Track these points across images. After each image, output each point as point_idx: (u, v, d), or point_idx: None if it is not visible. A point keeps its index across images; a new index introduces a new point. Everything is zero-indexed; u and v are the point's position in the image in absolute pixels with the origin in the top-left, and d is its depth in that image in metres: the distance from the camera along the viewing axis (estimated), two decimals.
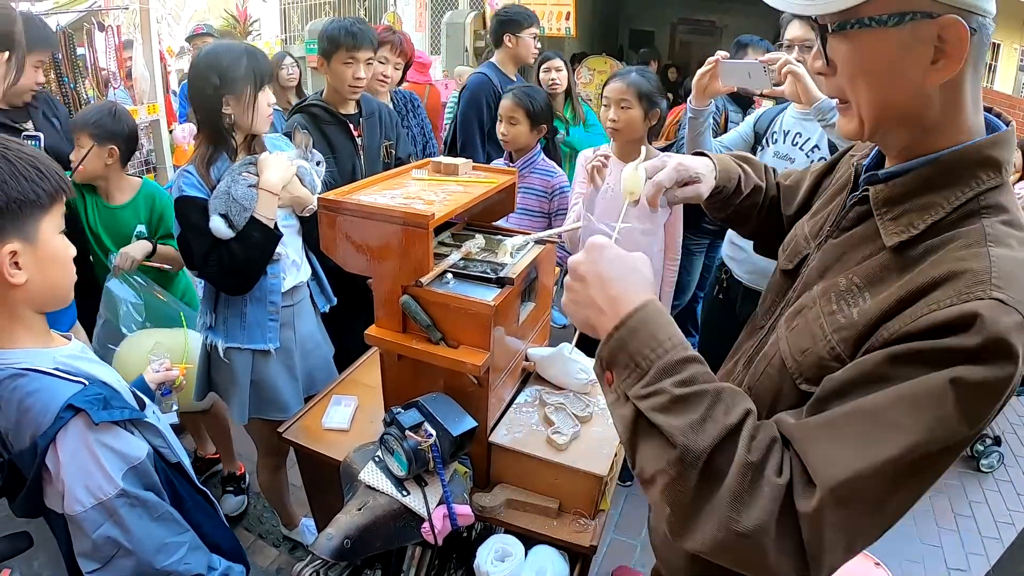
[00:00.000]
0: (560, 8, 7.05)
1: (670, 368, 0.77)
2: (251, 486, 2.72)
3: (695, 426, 0.73)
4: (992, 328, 0.66)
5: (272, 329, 1.91)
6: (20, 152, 1.04)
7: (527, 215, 2.65)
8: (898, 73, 0.76)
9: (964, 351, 0.67)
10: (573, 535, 1.45)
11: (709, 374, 0.79)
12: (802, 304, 0.92)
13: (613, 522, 2.67)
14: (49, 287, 1.10)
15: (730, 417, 0.74)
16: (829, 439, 0.71)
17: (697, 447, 0.72)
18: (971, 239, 0.75)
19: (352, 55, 2.31)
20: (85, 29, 3.43)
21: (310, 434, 1.69)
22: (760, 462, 0.72)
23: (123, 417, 1.12)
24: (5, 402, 1.07)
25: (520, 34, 3.36)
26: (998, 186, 0.78)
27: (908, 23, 0.73)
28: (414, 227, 1.33)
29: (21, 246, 1.03)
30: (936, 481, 0.74)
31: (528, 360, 1.72)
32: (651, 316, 0.81)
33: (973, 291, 0.69)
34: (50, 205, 1.07)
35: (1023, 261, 0.72)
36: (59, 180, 1.08)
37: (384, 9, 7.66)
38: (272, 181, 1.75)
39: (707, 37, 10.54)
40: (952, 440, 0.69)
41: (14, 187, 1.01)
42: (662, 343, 0.79)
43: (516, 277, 1.44)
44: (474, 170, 1.76)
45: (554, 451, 1.48)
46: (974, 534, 2.88)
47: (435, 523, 1.33)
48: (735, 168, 1.21)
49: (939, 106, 0.78)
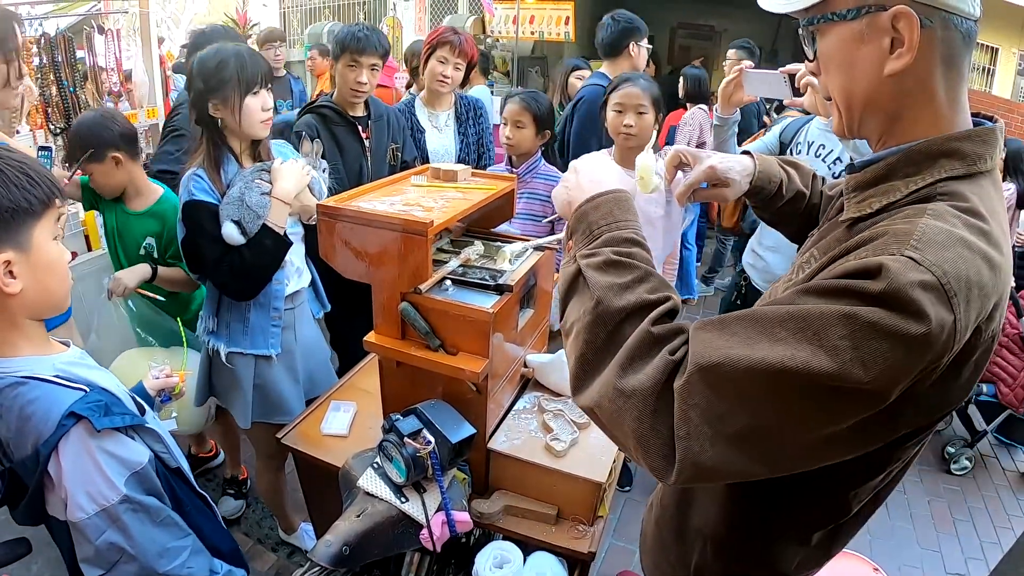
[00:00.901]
0: (560, 12, 7.07)
1: (616, 240, 0.88)
2: (251, 491, 2.72)
3: (616, 288, 0.82)
4: (896, 280, 0.66)
5: (275, 335, 1.92)
6: (10, 159, 1.03)
7: (531, 220, 2.64)
8: (859, 62, 0.81)
9: (865, 293, 0.68)
10: (572, 541, 1.45)
11: (648, 260, 0.88)
12: (780, 278, 0.98)
13: (612, 527, 2.67)
14: (45, 295, 1.09)
15: (650, 295, 0.82)
16: (716, 331, 0.75)
17: (612, 306, 0.81)
18: (912, 212, 0.77)
19: (355, 59, 2.35)
20: (85, 33, 3.43)
21: (309, 440, 1.69)
22: (660, 336, 0.78)
23: (125, 423, 1.12)
24: (6, 410, 1.07)
25: (640, 43, 3.20)
26: (963, 176, 0.79)
27: (865, 15, 0.78)
28: (413, 234, 1.33)
29: (15, 255, 1.02)
30: (833, 427, 0.72)
31: (527, 366, 1.72)
32: (615, 200, 0.93)
33: (888, 247, 0.71)
34: (43, 212, 1.05)
35: (952, 233, 0.72)
36: (51, 186, 1.06)
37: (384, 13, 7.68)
38: (286, 190, 1.77)
39: (706, 42, 10.55)
40: (844, 378, 0.67)
41: (5, 195, 1.00)
42: (617, 220, 0.91)
43: (515, 284, 1.44)
44: (473, 176, 1.76)
45: (553, 458, 1.49)
46: (973, 538, 2.88)
47: (434, 530, 1.33)
48: (777, 172, 1.22)
49: (905, 98, 0.81)
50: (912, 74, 0.79)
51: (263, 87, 1.77)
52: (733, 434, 0.72)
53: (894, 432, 0.79)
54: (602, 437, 1.56)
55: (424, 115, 2.95)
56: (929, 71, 0.79)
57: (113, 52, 3.55)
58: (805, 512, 0.98)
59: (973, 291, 0.70)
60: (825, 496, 0.96)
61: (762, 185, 1.19)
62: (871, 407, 0.71)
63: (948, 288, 0.67)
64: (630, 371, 0.77)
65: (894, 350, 0.66)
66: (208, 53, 1.77)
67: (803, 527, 1.00)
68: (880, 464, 0.91)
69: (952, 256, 0.69)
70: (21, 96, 2.13)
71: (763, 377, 0.69)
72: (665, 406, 0.74)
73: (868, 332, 0.66)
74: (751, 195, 1.21)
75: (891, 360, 0.67)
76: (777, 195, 1.21)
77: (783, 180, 1.21)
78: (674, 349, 0.77)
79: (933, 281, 0.67)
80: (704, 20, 10.75)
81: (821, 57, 0.86)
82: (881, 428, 0.77)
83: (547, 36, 7.36)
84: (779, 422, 0.72)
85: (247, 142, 1.84)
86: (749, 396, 0.71)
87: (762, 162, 1.21)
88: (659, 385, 0.75)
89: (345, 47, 2.35)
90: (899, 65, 0.78)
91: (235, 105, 1.73)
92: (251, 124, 1.78)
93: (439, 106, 2.96)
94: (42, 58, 3.09)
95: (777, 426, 0.72)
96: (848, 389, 0.68)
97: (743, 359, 0.70)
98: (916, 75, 0.79)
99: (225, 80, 1.72)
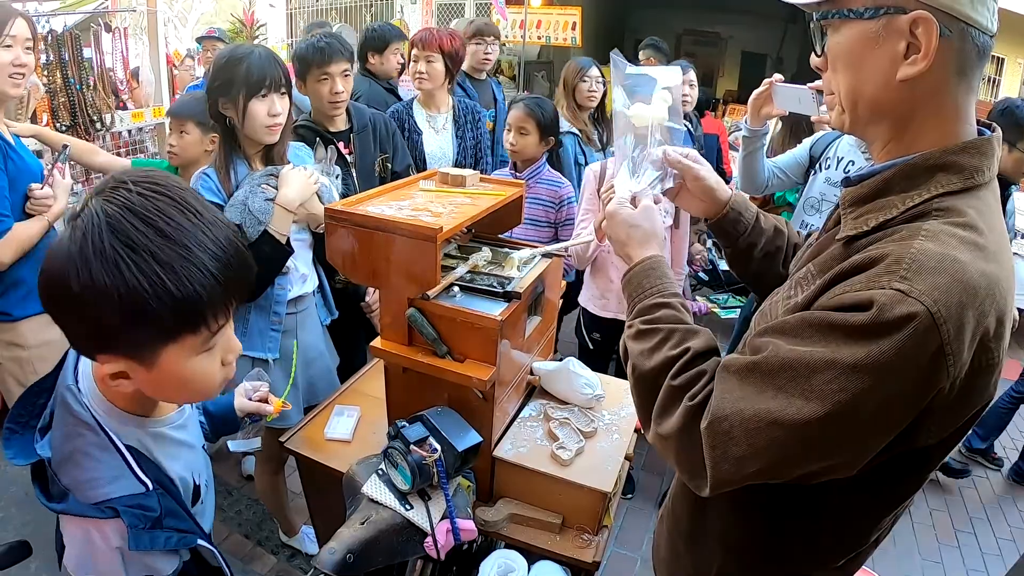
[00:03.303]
0: (567, 18, 7.08)
1: (644, 309, 1.01)
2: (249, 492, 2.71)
3: (645, 353, 0.96)
4: (881, 315, 0.70)
5: (273, 339, 1.90)
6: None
7: (534, 226, 2.64)
8: (871, 63, 0.81)
9: (851, 327, 0.73)
10: (576, 551, 1.44)
11: (674, 316, 0.98)
12: (776, 291, 1.00)
13: (614, 535, 2.66)
14: (163, 395, 0.95)
15: (672, 351, 0.93)
16: (735, 380, 0.83)
17: (644, 368, 0.95)
18: (907, 233, 0.77)
19: (324, 71, 2.23)
20: (92, 31, 3.43)
21: (312, 444, 1.68)
22: (681, 386, 0.89)
23: (167, 547, 0.91)
24: (59, 421, 0.91)
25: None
26: (960, 191, 0.79)
27: (883, 16, 0.78)
28: (422, 240, 1.32)
29: (128, 365, 0.83)
30: (852, 455, 0.78)
31: (533, 374, 1.72)
32: (644, 272, 1.05)
33: (880, 279, 0.73)
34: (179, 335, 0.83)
35: (946, 256, 0.72)
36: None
37: (391, 15, 7.68)
38: (290, 197, 1.73)
39: (712, 48, 10.58)
40: (836, 418, 0.74)
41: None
42: (645, 290, 1.03)
43: (523, 291, 1.43)
44: (481, 182, 1.75)
45: (558, 466, 1.48)
46: (975, 549, 2.87)
47: (438, 538, 1.33)
48: (753, 206, 1.22)
49: (915, 106, 0.81)
50: (924, 82, 0.78)
51: (273, 92, 1.73)
52: (745, 456, 0.80)
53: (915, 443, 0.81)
54: (608, 446, 1.57)
55: (422, 116, 2.92)
56: (942, 81, 0.79)
57: (120, 51, 3.55)
58: (826, 544, 0.99)
59: (967, 312, 0.71)
60: (846, 531, 0.97)
61: (740, 211, 1.18)
62: (891, 431, 0.76)
63: (937, 316, 0.69)
64: (663, 419, 0.90)
65: (876, 386, 0.71)
66: (225, 51, 1.76)
67: (827, 553, 1.01)
68: (902, 494, 0.93)
69: (944, 281, 0.70)
70: (27, 92, 2.13)
71: (767, 420, 0.78)
72: (693, 440, 0.85)
73: (850, 373, 0.72)
74: (730, 224, 1.19)
75: (878, 394, 0.72)
76: (756, 228, 1.20)
77: (759, 214, 1.21)
78: (694, 395, 0.87)
79: (921, 311, 0.69)
80: (710, 27, 10.78)
81: (830, 53, 0.86)
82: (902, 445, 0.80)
83: (554, 41, 7.38)
84: (787, 457, 0.79)
85: (258, 145, 1.82)
86: (756, 432, 0.79)
87: (738, 193, 1.21)
88: (684, 427, 0.86)
89: (310, 62, 2.22)
90: (913, 71, 0.77)
91: (240, 106, 1.72)
92: (254, 128, 1.75)
93: (436, 108, 2.93)
94: (49, 55, 3.09)
95: (784, 442, 0.78)
96: (849, 423, 0.74)
97: (745, 410, 0.80)
98: (928, 84, 0.78)
99: (232, 80, 1.70)
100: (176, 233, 0.78)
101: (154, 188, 0.80)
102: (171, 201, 0.80)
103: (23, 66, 1.81)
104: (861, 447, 0.77)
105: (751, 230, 1.19)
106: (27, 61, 1.81)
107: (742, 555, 1.05)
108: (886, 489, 0.91)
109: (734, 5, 9.77)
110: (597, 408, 1.69)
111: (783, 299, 0.93)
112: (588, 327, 2.71)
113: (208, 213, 0.83)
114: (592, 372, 1.73)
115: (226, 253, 0.82)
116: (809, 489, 0.88)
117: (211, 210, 0.85)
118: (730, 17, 9.97)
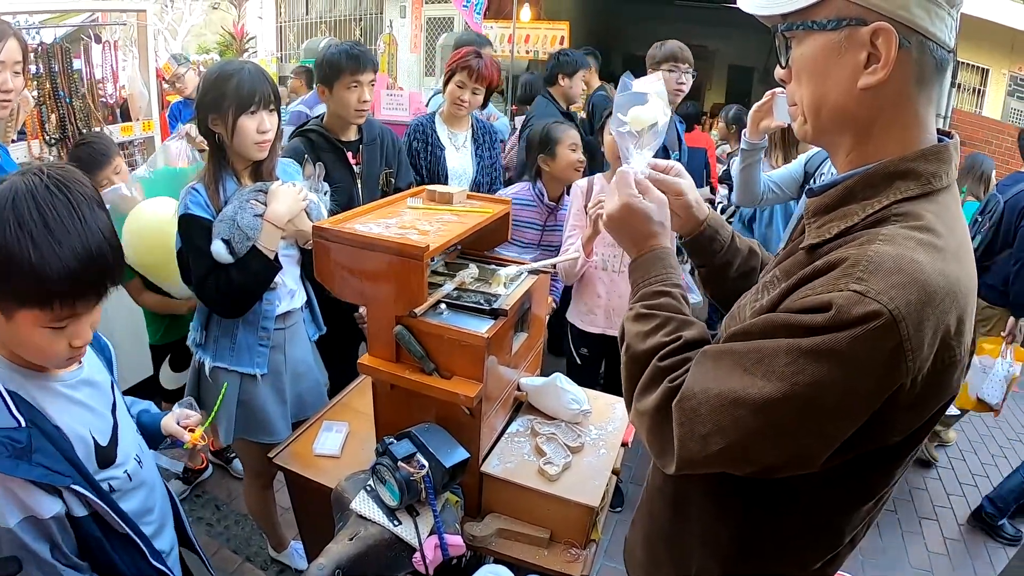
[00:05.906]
0: (555, 32, 7.15)
1: (647, 295, 1.04)
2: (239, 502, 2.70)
3: (640, 335, 1.00)
4: (839, 315, 0.74)
5: (261, 354, 1.90)
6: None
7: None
8: (834, 72, 0.84)
9: (810, 327, 0.76)
10: (564, 565, 1.45)
11: (673, 305, 1.02)
12: (744, 295, 1.04)
13: (603, 548, 2.66)
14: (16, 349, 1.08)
15: (665, 338, 0.97)
16: (708, 365, 0.88)
17: (637, 348, 0.99)
18: (866, 238, 0.80)
19: (356, 79, 2.25)
20: (82, 43, 3.43)
21: (301, 460, 1.69)
22: (666, 368, 0.93)
23: (31, 478, 1.02)
24: None
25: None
26: (918, 196, 0.82)
27: (845, 27, 0.81)
28: (409, 258, 1.34)
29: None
30: (825, 435, 0.80)
31: (520, 390, 1.73)
32: (651, 260, 1.07)
33: (838, 283, 0.76)
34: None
35: (902, 256, 0.75)
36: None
37: (380, 30, 7.73)
38: (279, 213, 1.74)
39: (700, 62, 10.66)
40: (793, 399, 0.77)
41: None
42: (650, 277, 1.06)
43: (510, 308, 1.45)
44: (468, 199, 1.77)
45: (546, 481, 1.49)
46: (966, 559, 2.89)
47: (427, 553, 1.33)
48: (729, 227, 1.24)
49: (876, 114, 0.84)
50: (885, 91, 0.81)
51: (263, 108, 1.74)
52: (712, 433, 0.84)
53: (884, 439, 0.84)
54: (595, 461, 1.58)
55: (444, 132, 2.92)
56: (902, 90, 0.82)
57: (110, 63, 3.55)
58: (802, 542, 1.00)
59: (927, 310, 0.73)
60: (821, 528, 0.98)
61: (716, 229, 1.20)
62: (851, 422, 0.78)
63: (896, 313, 0.71)
64: (643, 396, 0.95)
65: (834, 372, 0.74)
66: (215, 66, 1.77)
67: (805, 551, 1.01)
68: (872, 490, 0.94)
69: (901, 280, 0.73)
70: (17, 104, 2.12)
71: (732, 399, 0.81)
72: (664, 419, 0.90)
73: (808, 357, 0.75)
74: (707, 241, 1.20)
75: (837, 383, 0.75)
76: (731, 245, 1.21)
77: (733, 234, 1.23)
78: (675, 378, 0.91)
79: (879, 309, 0.71)
80: (699, 41, 10.86)
81: (795, 64, 0.88)
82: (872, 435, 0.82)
83: (542, 55, 7.43)
84: (751, 438, 0.82)
85: (247, 161, 1.83)
86: (721, 410, 0.83)
87: (714, 213, 1.23)
88: (660, 406, 0.90)
89: (342, 68, 2.25)
90: (873, 80, 0.80)
91: (229, 122, 1.72)
92: (244, 144, 1.75)
93: (458, 126, 2.95)
94: (38, 67, 3.09)
95: (755, 429, 0.81)
96: (807, 408, 0.77)
97: (715, 387, 0.84)
98: (889, 92, 0.82)
99: (222, 96, 1.71)
100: (56, 226, 0.98)
101: (60, 184, 1.00)
102: (66, 201, 1.00)
103: (10, 91, 1.81)
104: (821, 435, 0.79)
105: (726, 249, 1.21)
106: (15, 85, 1.81)
107: (722, 555, 1.05)
108: (857, 484, 0.92)
109: (721, 19, 9.87)
110: (584, 423, 1.71)
111: (750, 303, 0.96)
112: (575, 342, 2.72)
113: (93, 221, 1.02)
114: (579, 387, 1.74)
115: (89, 257, 1.00)
116: (783, 485, 0.90)
117: (99, 219, 1.03)
118: (717, 31, 10.07)
